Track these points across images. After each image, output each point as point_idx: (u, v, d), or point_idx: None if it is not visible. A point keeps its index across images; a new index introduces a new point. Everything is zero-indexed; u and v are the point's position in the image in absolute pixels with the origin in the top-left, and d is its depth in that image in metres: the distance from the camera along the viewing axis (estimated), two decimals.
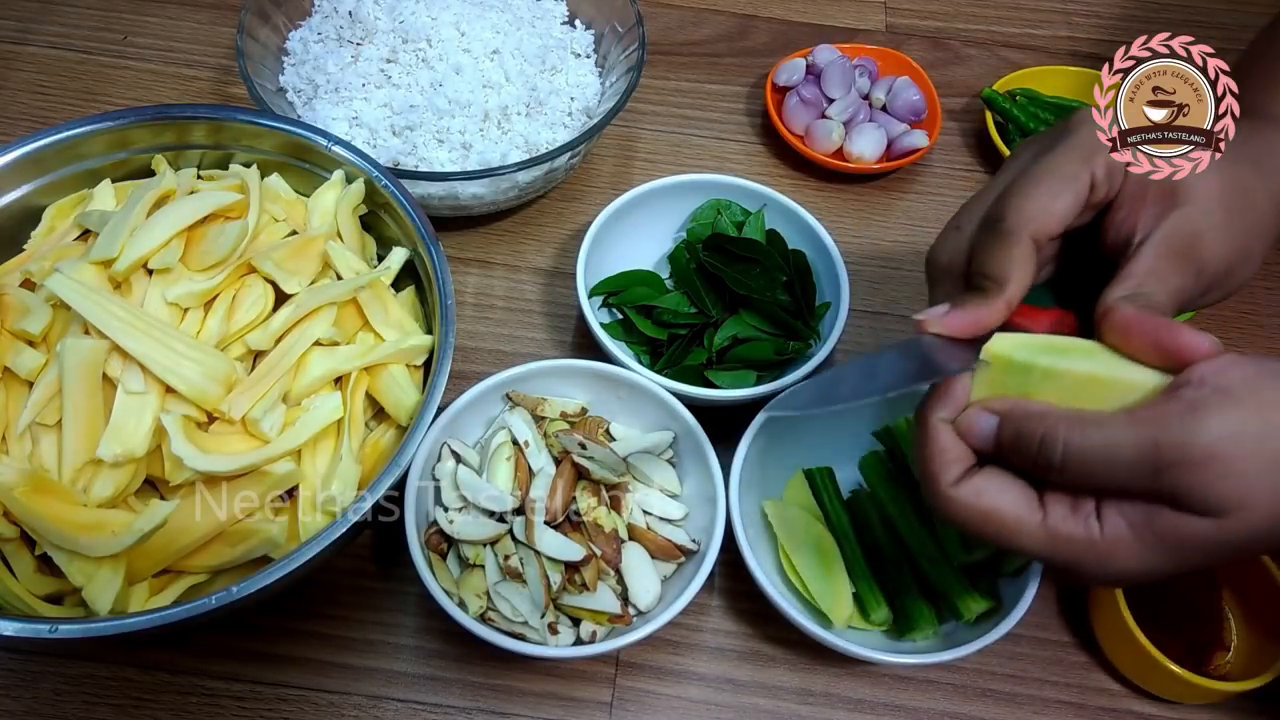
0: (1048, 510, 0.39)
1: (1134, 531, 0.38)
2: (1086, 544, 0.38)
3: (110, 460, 0.48)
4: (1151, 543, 0.38)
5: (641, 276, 0.68)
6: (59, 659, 0.55)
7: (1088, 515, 0.38)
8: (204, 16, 0.86)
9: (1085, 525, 0.38)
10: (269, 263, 0.54)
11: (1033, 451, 0.39)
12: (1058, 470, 0.38)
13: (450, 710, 0.55)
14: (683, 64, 0.87)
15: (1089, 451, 0.38)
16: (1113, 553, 0.38)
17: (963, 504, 0.40)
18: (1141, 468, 0.37)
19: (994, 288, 0.43)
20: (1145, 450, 0.36)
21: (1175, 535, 0.37)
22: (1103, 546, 0.38)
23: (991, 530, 0.40)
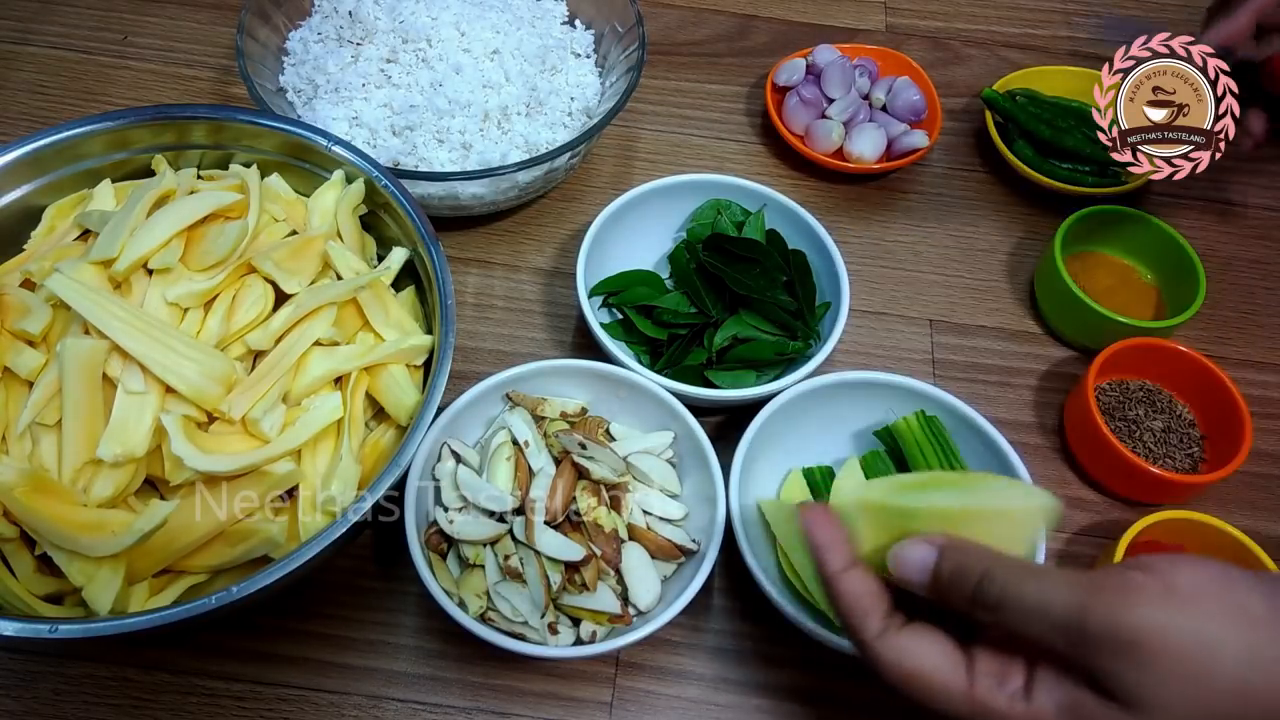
0: (975, 678, 0.38)
1: (1059, 714, 0.36)
2: (1009, 715, 0.37)
3: (110, 460, 0.48)
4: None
5: (641, 276, 0.68)
6: (59, 659, 0.55)
7: (1014, 692, 0.37)
8: (204, 16, 0.86)
9: (1010, 701, 0.37)
10: (269, 263, 0.54)
11: (969, 588, 0.38)
12: (992, 611, 0.37)
13: (450, 710, 0.55)
14: (683, 64, 0.87)
15: (1024, 600, 0.37)
16: None
17: (888, 662, 0.39)
18: (1067, 632, 0.36)
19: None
20: (1073, 615, 0.36)
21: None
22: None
23: (917, 692, 0.39)
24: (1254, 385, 0.70)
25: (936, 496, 0.41)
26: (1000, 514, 0.40)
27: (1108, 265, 0.74)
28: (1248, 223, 0.80)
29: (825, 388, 0.60)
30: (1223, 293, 0.74)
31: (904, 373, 0.61)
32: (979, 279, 0.75)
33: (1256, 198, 0.81)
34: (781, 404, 0.59)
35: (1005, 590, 0.37)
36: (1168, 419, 0.65)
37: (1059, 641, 0.36)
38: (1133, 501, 0.64)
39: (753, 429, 0.58)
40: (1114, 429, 0.64)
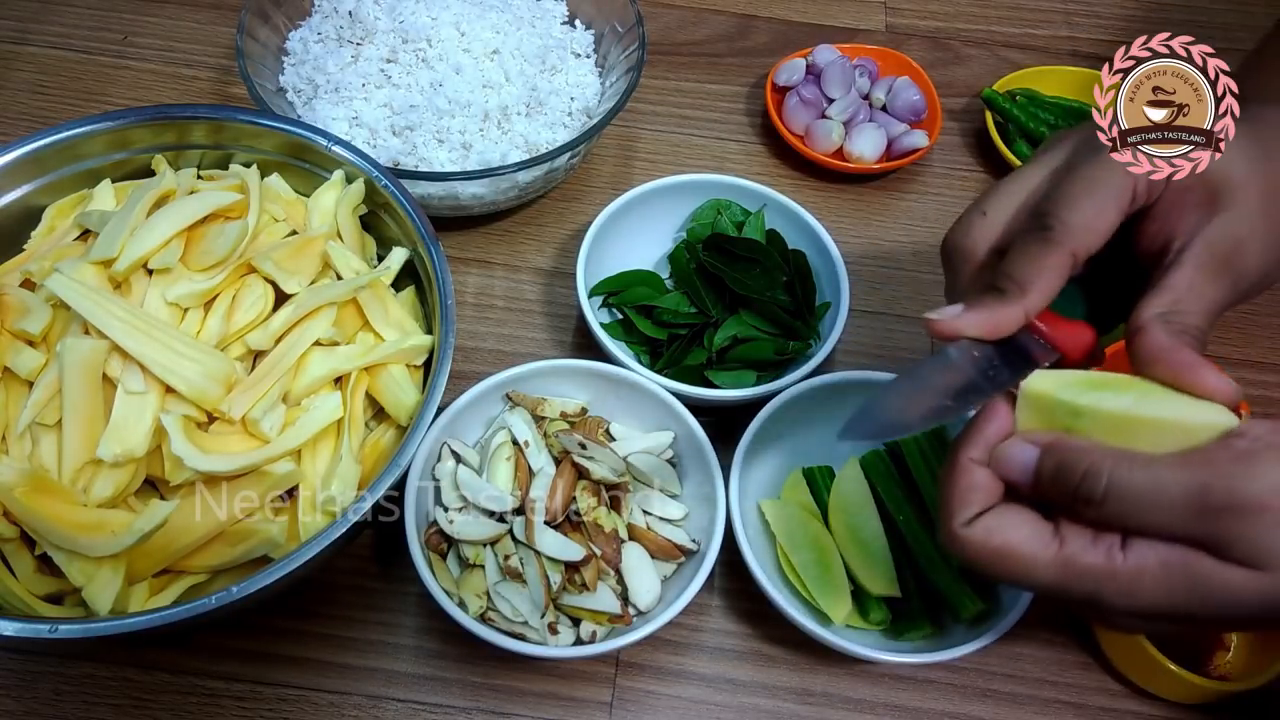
0: (1065, 541, 0.37)
1: (1164, 569, 0.36)
2: (1107, 574, 0.36)
3: (110, 460, 0.48)
4: (1182, 584, 0.35)
5: (641, 276, 0.68)
6: (59, 659, 0.55)
7: (1110, 545, 0.36)
8: (204, 16, 0.86)
9: (1107, 555, 0.36)
10: (269, 263, 0.54)
11: (1073, 485, 0.37)
12: (1097, 505, 0.36)
13: (450, 710, 0.55)
14: (683, 64, 0.87)
15: (1134, 488, 0.36)
16: (1137, 585, 0.36)
17: (973, 543, 0.38)
18: (1187, 510, 0.35)
19: (1015, 291, 0.41)
20: (1193, 492, 0.35)
21: (1209, 582, 0.35)
22: (1125, 577, 0.36)
23: (1004, 569, 0.38)
24: (1254, 385, 0.70)
25: (1109, 398, 0.38)
26: (1176, 426, 0.37)
27: None
28: None
29: (825, 388, 0.60)
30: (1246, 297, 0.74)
31: None
32: None
33: None
34: (781, 404, 0.59)
35: (1112, 483, 0.36)
36: None
37: (1179, 523, 0.35)
38: None
39: (753, 429, 0.58)
40: None
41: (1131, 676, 0.57)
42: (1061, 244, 0.41)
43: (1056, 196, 0.43)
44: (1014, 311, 0.41)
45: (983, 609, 0.54)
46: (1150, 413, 0.38)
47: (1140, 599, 0.36)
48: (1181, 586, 0.36)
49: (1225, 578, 0.35)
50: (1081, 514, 0.37)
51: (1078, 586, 0.37)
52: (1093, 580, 0.37)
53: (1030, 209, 0.44)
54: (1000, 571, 0.38)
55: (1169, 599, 0.36)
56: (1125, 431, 0.38)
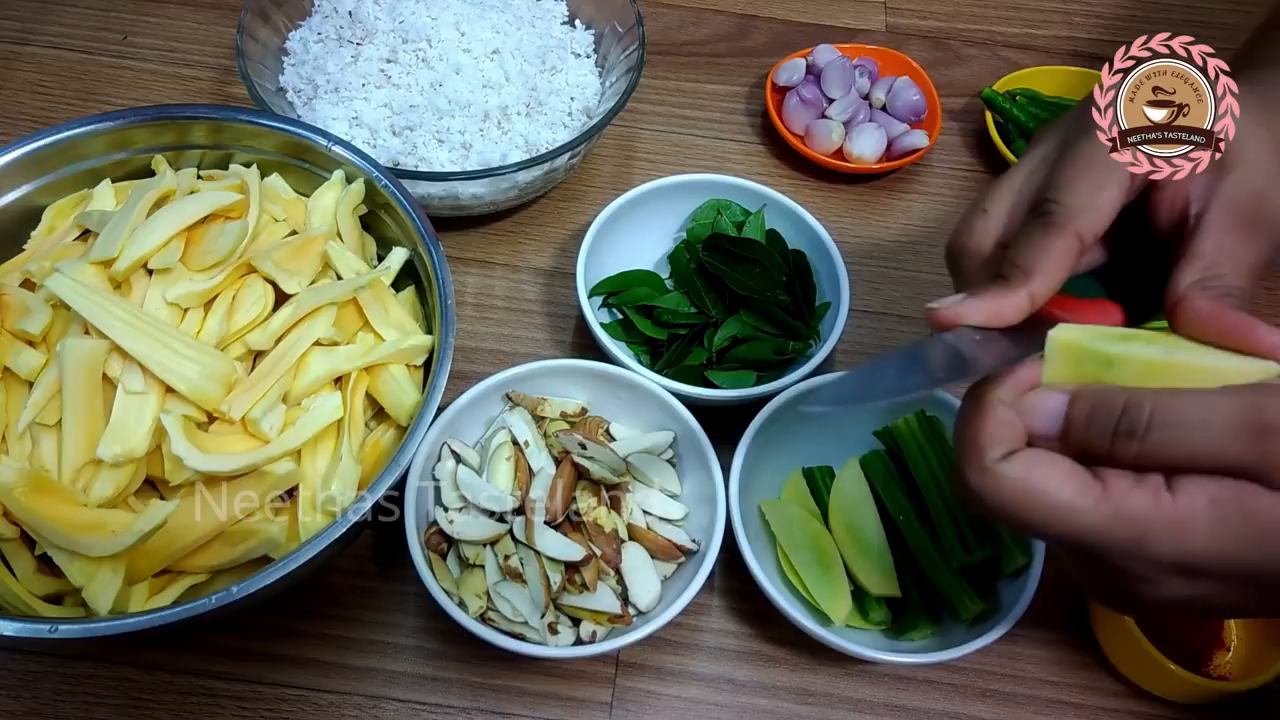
0: (1107, 483, 0.34)
1: (1216, 507, 0.32)
2: (1155, 515, 0.33)
3: (110, 460, 0.48)
4: (1237, 522, 0.32)
5: (641, 276, 0.68)
6: (59, 659, 0.55)
7: (1156, 487, 0.33)
8: (204, 16, 0.86)
9: (1154, 496, 0.33)
10: (269, 263, 0.54)
11: (1113, 421, 0.34)
12: (1141, 437, 0.33)
13: (450, 710, 0.55)
14: (683, 64, 0.87)
15: (1182, 413, 0.33)
16: (1187, 527, 0.32)
17: (1008, 481, 0.34)
18: (1241, 432, 0.32)
19: (1019, 277, 0.39)
20: (1247, 415, 0.32)
21: (1266, 517, 0.32)
22: (1174, 518, 0.33)
23: (1039, 512, 0.34)
24: None
25: (1141, 348, 0.36)
26: (1216, 372, 0.35)
27: None
28: None
29: None
30: None
31: None
32: None
33: None
34: (781, 404, 0.59)
35: (1158, 409, 0.33)
36: None
37: (1229, 448, 0.32)
38: None
39: (753, 429, 0.58)
40: None
41: (1131, 676, 0.57)
42: (1064, 225, 0.40)
43: (1054, 180, 0.41)
44: (1018, 297, 0.39)
45: (983, 609, 0.54)
46: (1187, 359, 0.35)
47: (1190, 544, 0.33)
48: (1235, 525, 0.33)
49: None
50: (1122, 452, 0.34)
51: (1122, 533, 0.33)
52: (1139, 524, 0.33)
53: (1030, 198, 0.43)
54: (1035, 516, 0.34)
55: (1221, 544, 0.33)
56: (1162, 379, 0.35)
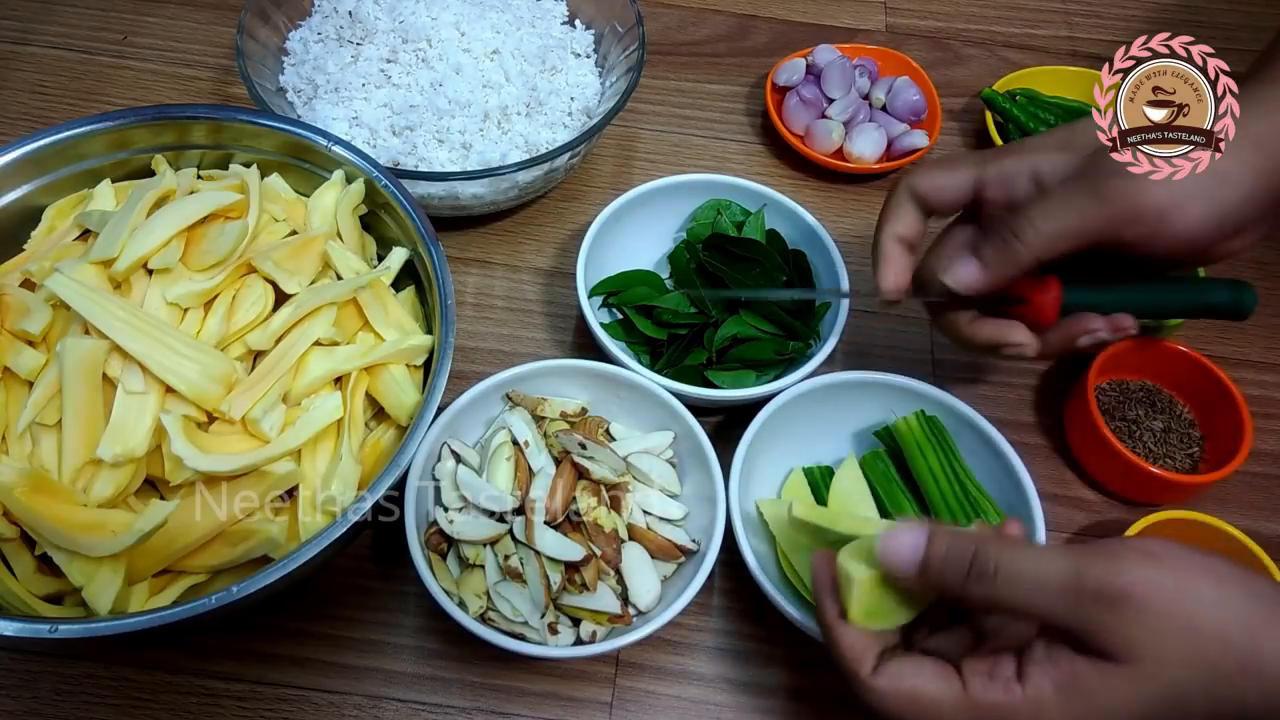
0: (966, 681, 0.39)
1: (1059, 692, 0.37)
2: (1009, 709, 0.38)
3: (110, 460, 0.48)
4: (1080, 703, 0.37)
5: (641, 276, 0.68)
6: (59, 659, 0.55)
7: (1008, 680, 0.38)
8: (204, 16, 0.86)
9: (1006, 689, 0.38)
10: (269, 263, 0.54)
11: (964, 565, 0.39)
12: (990, 580, 0.38)
13: (450, 710, 0.55)
14: (683, 64, 0.87)
15: (1020, 569, 0.38)
16: (1040, 713, 0.38)
17: (886, 690, 0.40)
18: (1064, 594, 0.37)
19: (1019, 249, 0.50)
20: (1069, 577, 0.37)
21: (1096, 691, 0.37)
22: (1026, 710, 0.38)
23: (916, 711, 0.40)
24: (1254, 385, 0.70)
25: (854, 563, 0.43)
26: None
27: None
28: None
29: (825, 388, 0.60)
30: None
31: (904, 373, 0.61)
32: None
33: None
34: (781, 404, 0.59)
35: (1000, 563, 0.38)
36: (1168, 419, 0.65)
37: (1058, 606, 0.37)
38: (1132, 501, 0.64)
39: (753, 429, 0.58)
40: (1114, 429, 0.64)
41: None
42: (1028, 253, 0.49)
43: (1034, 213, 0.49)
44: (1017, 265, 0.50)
45: None
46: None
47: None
48: (1079, 704, 0.37)
49: (1107, 684, 0.37)
50: (973, 592, 0.39)
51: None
52: (999, 714, 0.38)
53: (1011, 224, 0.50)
54: (912, 714, 0.40)
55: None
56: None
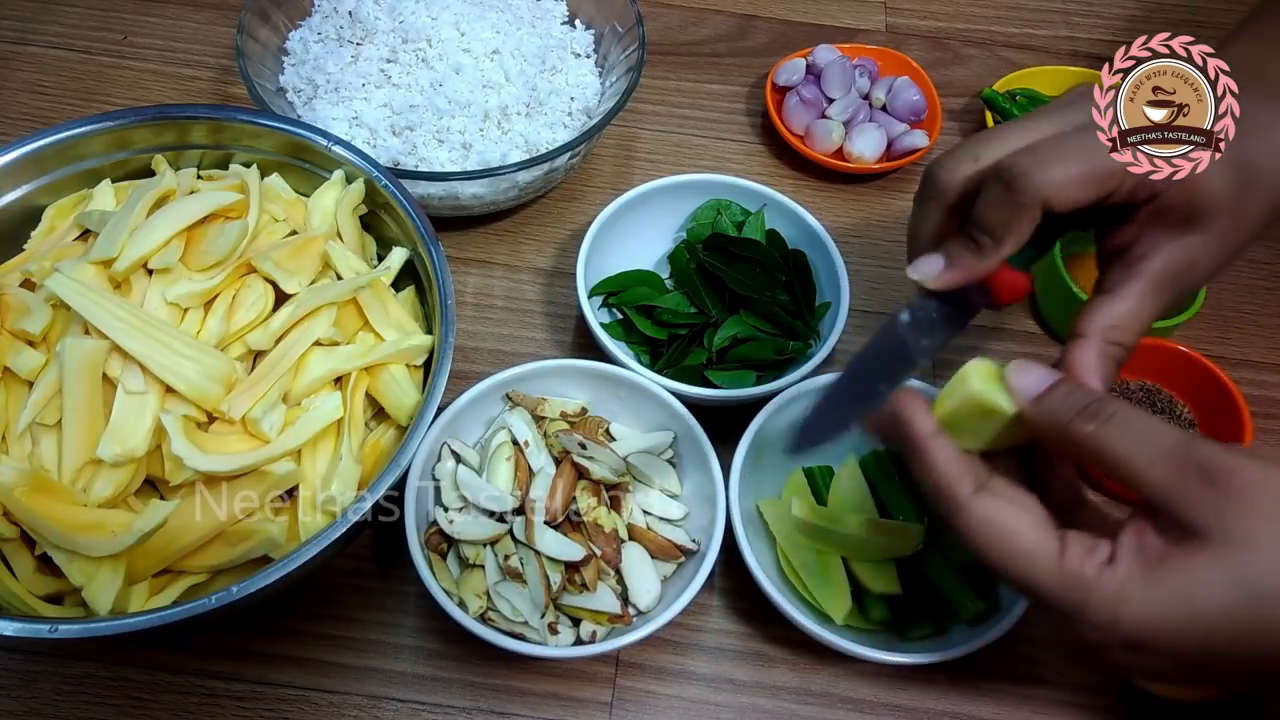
0: (1066, 547, 0.38)
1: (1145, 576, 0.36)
2: (1096, 587, 0.37)
3: (110, 460, 0.48)
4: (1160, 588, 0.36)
5: (641, 276, 0.68)
6: (59, 659, 0.55)
7: (1101, 560, 0.37)
8: (204, 16, 0.86)
9: (1099, 569, 0.37)
10: (269, 263, 0.54)
11: (1080, 403, 0.39)
12: (1100, 421, 0.38)
13: (450, 710, 0.55)
14: (683, 64, 0.87)
15: (1134, 422, 0.38)
16: (1123, 596, 0.36)
17: (984, 517, 0.39)
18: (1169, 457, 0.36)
19: (990, 247, 0.44)
20: (1179, 443, 0.37)
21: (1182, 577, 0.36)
22: (1112, 591, 0.36)
23: (1004, 554, 0.38)
24: (1254, 385, 0.70)
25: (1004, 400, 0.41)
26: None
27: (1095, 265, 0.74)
28: None
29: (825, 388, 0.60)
30: (1223, 293, 0.74)
31: None
32: None
33: None
34: (781, 404, 0.59)
35: (1120, 410, 0.38)
36: (1167, 419, 0.65)
37: (1159, 467, 0.36)
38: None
39: (753, 429, 0.58)
40: None
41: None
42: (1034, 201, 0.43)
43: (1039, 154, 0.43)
44: (989, 263, 0.45)
45: (982, 609, 0.54)
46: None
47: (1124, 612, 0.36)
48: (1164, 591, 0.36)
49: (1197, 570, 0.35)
50: (1077, 429, 0.38)
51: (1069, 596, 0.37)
52: (1082, 592, 0.37)
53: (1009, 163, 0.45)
54: (998, 553, 0.39)
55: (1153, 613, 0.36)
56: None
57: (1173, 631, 0.36)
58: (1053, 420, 0.39)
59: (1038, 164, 0.43)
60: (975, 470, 0.40)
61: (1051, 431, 0.40)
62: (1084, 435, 0.38)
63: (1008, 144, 0.45)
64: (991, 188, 0.44)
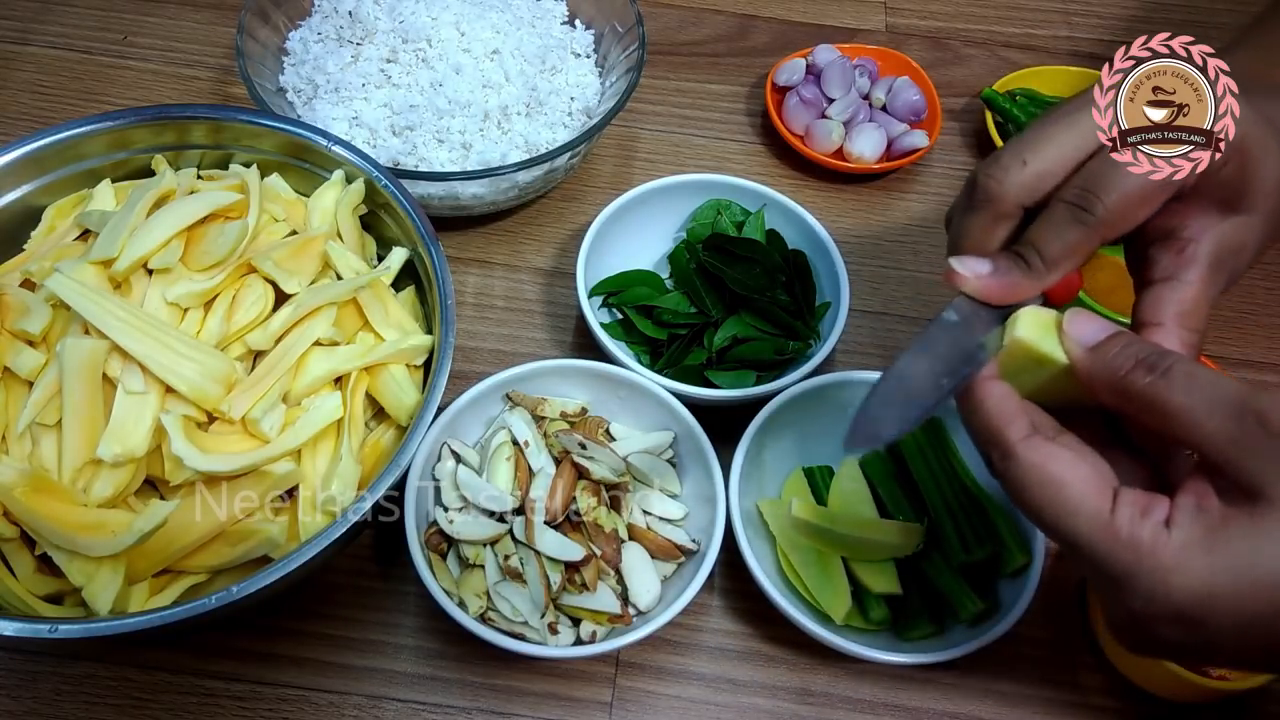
0: (1118, 505, 0.35)
1: (1204, 539, 0.33)
2: (1149, 551, 0.34)
3: (110, 460, 0.48)
4: (1220, 552, 0.33)
5: (641, 276, 0.68)
6: (59, 659, 0.55)
7: (1157, 522, 0.34)
8: (204, 16, 0.86)
9: (1154, 532, 0.34)
10: (269, 263, 0.54)
11: (1143, 352, 0.36)
12: (1160, 372, 0.35)
13: (450, 710, 0.55)
14: (683, 64, 0.87)
15: (1193, 374, 0.35)
16: (1179, 563, 0.33)
17: (1033, 463, 0.36)
18: (1230, 410, 0.34)
19: (1042, 272, 0.41)
20: (1240, 397, 0.34)
21: (1243, 540, 0.33)
22: (1166, 555, 0.33)
23: (1051, 503, 0.35)
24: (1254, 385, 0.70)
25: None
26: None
27: (1109, 265, 0.74)
28: None
29: (825, 388, 0.60)
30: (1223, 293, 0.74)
31: None
32: None
33: None
34: (781, 404, 0.59)
35: (1179, 363, 0.35)
36: None
37: (1218, 420, 0.34)
38: None
39: (753, 429, 0.58)
40: None
41: (1131, 676, 0.57)
42: (1098, 230, 0.40)
43: (1105, 179, 0.40)
44: (1036, 285, 0.41)
45: (983, 609, 0.54)
46: None
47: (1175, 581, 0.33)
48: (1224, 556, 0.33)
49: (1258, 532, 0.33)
50: (1133, 380, 0.36)
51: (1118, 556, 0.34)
52: (1132, 554, 0.34)
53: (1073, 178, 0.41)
54: (1046, 503, 0.36)
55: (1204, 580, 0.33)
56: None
57: (1235, 603, 0.33)
58: (1110, 370, 0.37)
59: (1107, 186, 0.40)
60: (1031, 416, 0.38)
61: (1108, 383, 0.37)
62: (1141, 386, 0.36)
63: (1057, 147, 0.42)
64: (1057, 211, 0.41)
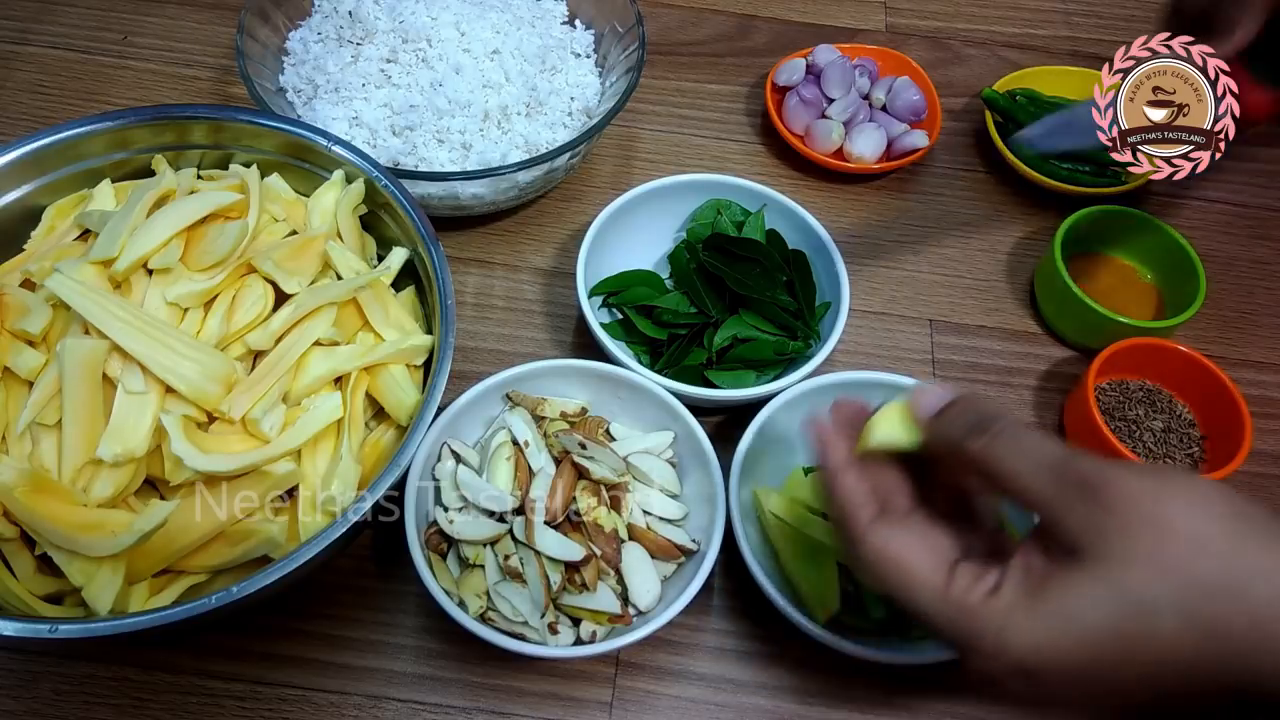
0: (954, 576, 0.38)
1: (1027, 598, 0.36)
2: (980, 615, 0.36)
3: (110, 460, 0.48)
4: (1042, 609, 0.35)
5: (641, 276, 0.68)
6: (59, 659, 0.55)
7: (987, 587, 0.37)
8: (204, 16, 0.86)
9: (981, 595, 0.37)
10: (269, 263, 0.54)
11: (973, 419, 0.39)
12: (991, 435, 0.38)
13: (450, 710, 0.55)
14: (683, 64, 0.87)
15: (1019, 438, 0.38)
16: (1008, 623, 0.35)
17: (877, 546, 0.39)
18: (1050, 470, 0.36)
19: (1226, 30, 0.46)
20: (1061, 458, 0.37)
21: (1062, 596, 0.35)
22: (996, 616, 0.36)
23: (894, 581, 0.39)
24: (1254, 385, 0.70)
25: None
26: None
27: (1108, 265, 0.74)
28: (1248, 223, 0.79)
29: (825, 388, 0.60)
30: (1223, 293, 0.74)
31: (904, 373, 0.61)
32: (979, 279, 0.75)
33: (1256, 198, 0.81)
34: (781, 404, 0.59)
35: (1004, 427, 0.38)
36: (1168, 419, 0.65)
37: (1040, 478, 0.36)
38: None
39: (753, 429, 0.58)
40: (1114, 429, 0.64)
41: None
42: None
43: None
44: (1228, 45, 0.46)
45: None
46: None
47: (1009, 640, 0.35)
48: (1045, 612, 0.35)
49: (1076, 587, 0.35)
50: (970, 445, 0.39)
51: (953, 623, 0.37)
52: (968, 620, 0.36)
53: None
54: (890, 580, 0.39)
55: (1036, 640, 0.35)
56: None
57: (1061, 656, 0.35)
58: (946, 437, 0.40)
59: None
60: (888, 495, 0.41)
61: (946, 448, 0.40)
62: (974, 450, 0.39)
63: None
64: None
